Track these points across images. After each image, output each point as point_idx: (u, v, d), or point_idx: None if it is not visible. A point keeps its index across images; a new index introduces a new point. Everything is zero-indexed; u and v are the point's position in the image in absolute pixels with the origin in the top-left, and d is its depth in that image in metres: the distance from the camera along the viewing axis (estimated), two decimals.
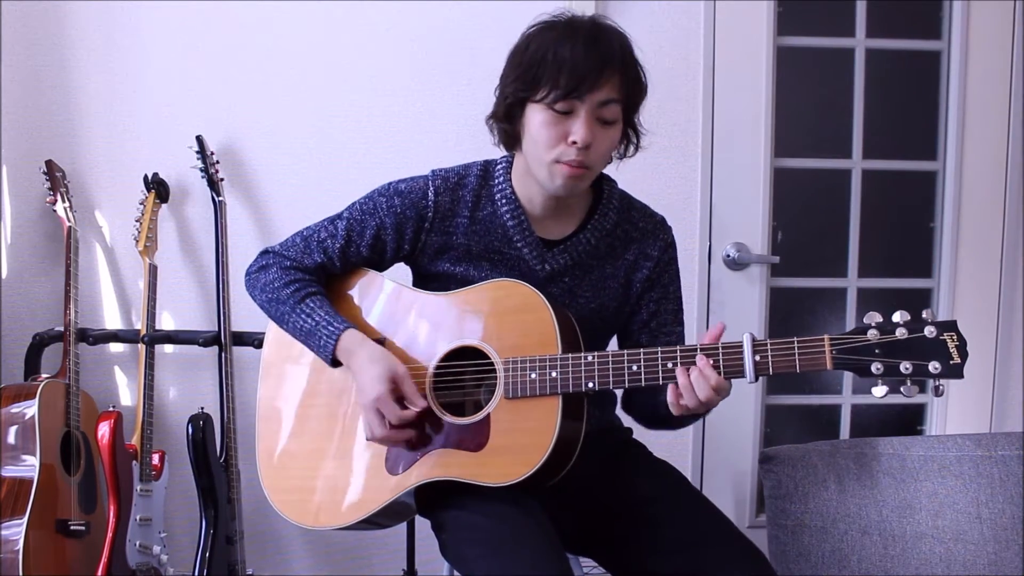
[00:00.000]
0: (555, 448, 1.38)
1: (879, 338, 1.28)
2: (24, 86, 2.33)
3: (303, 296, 1.54)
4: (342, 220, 1.58)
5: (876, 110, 2.49)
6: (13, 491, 1.97)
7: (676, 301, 1.63)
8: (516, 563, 1.33)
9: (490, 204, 1.54)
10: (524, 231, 1.53)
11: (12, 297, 2.34)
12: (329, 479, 1.55)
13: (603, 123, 1.43)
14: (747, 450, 2.48)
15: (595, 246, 1.56)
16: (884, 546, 2.00)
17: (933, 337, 1.26)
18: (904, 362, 1.27)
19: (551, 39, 1.41)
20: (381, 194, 1.56)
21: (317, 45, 2.38)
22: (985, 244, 2.49)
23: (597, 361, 1.40)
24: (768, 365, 1.32)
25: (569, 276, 1.55)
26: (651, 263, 1.58)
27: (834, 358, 1.29)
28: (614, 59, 1.40)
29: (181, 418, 2.24)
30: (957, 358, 1.26)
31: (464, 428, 1.46)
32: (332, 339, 1.49)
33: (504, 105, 1.47)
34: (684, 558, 1.43)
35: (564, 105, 1.40)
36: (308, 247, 1.58)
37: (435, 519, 1.52)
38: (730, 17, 2.42)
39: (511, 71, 1.46)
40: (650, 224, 1.60)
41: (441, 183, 1.54)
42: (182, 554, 2.32)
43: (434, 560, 1.83)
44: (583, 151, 1.41)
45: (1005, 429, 2.49)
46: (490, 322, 1.48)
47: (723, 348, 1.34)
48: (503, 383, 1.44)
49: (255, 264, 1.63)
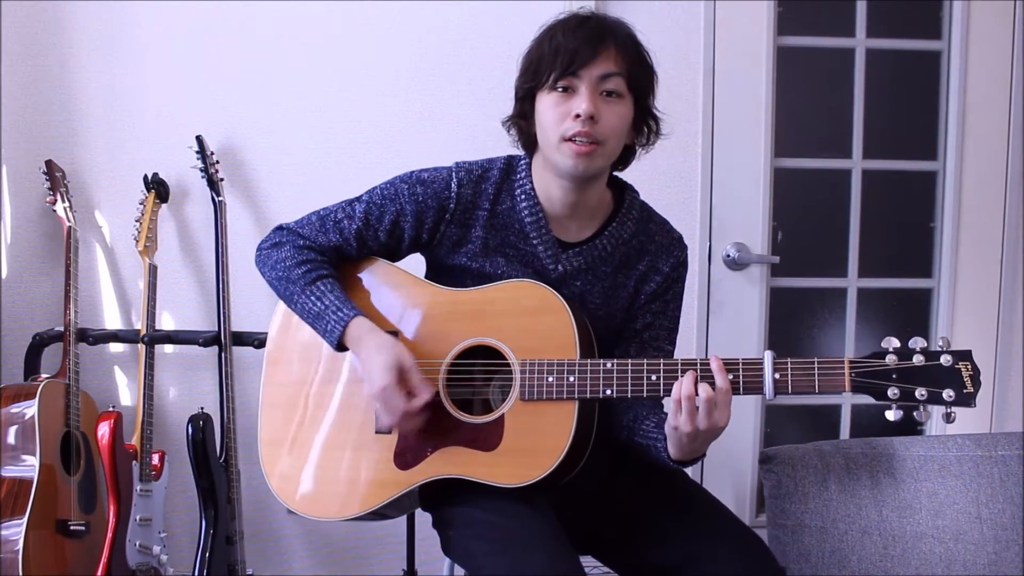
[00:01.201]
0: (568, 453, 1.39)
1: (897, 363, 1.31)
2: (24, 86, 2.33)
3: (314, 278, 1.52)
4: (361, 203, 1.57)
5: (876, 110, 2.49)
6: (13, 491, 1.97)
7: (673, 320, 1.62)
8: (528, 562, 1.33)
9: (510, 199, 1.54)
10: (541, 228, 1.53)
11: (12, 297, 2.34)
12: (336, 469, 1.54)
13: (606, 97, 1.44)
14: (747, 450, 2.48)
15: (610, 253, 1.56)
16: (884, 546, 2.00)
17: (949, 365, 1.30)
18: (920, 388, 1.30)
19: (548, 33, 1.48)
20: (404, 181, 1.56)
21: (317, 45, 2.38)
22: (985, 244, 2.49)
23: (616, 368, 1.40)
24: (788, 384, 1.33)
25: (581, 280, 1.55)
26: (660, 277, 1.58)
27: (853, 381, 1.32)
28: (606, 33, 1.44)
29: (181, 418, 2.24)
30: (970, 387, 1.29)
31: (477, 427, 1.45)
32: (340, 324, 1.48)
33: (517, 102, 1.52)
34: (685, 550, 1.44)
35: (564, 83, 1.43)
36: (324, 226, 1.57)
37: (439, 515, 1.52)
38: (730, 17, 2.42)
39: (520, 71, 1.51)
40: (667, 240, 1.60)
41: (465, 175, 1.54)
42: (182, 554, 2.32)
43: (434, 560, 1.83)
44: (589, 122, 1.42)
45: (1005, 429, 2.49)
46: (507, 321, 1.47)
47: (743, 364, 1.35)
48: (519, 384, 1.44)
49: (268, 240, 1.60)
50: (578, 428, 1.40)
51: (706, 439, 1.38)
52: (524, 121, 1.52)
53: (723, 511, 1.52)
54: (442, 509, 1.51)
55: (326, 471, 1.55)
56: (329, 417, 1.57)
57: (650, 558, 1.48)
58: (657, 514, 1.50)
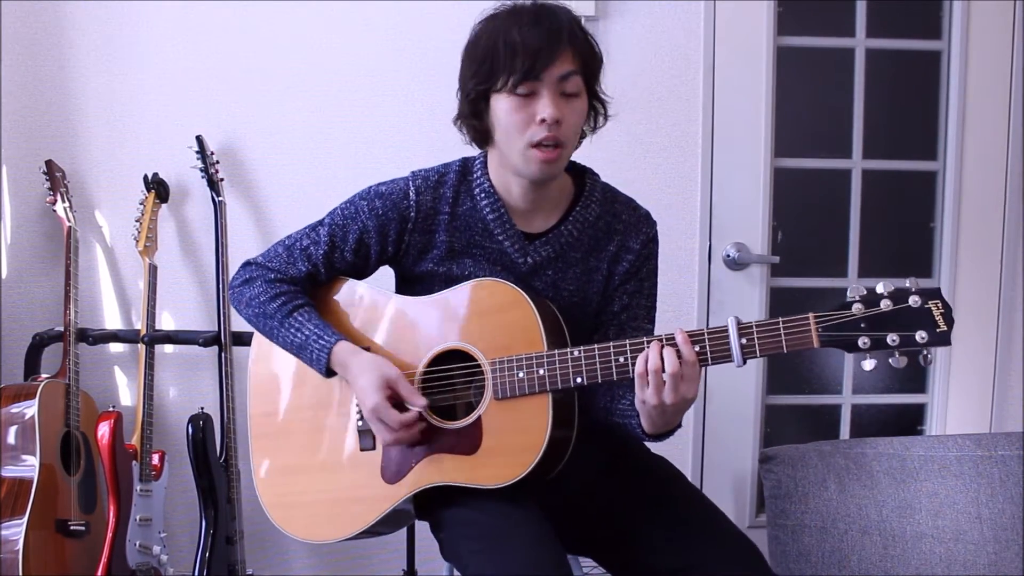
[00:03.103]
0: (548, 446, 1.39)
1: (864, 312, 1.28)
2: (24, 86, 2.33)
3: (291, 309, 1.53)
4: (324, 226, 1.57)
5: (876, 110, 2.49)
6: (13, 491, 1.97)
7: (650, 298, 1.61)
8: (512, 558, 1.33)
9: (469, 199, 1.54)
10: (504, 224, 1.53)
11: (12, 297, 2.34)
12: (327, 492, 1.55)
13: (567, 97, 1.43)
14: (747, 450, 2.48)
15: (577, 238, 1.55)
16: (884, 546, 2.00)
17: (918, 306, 1.26)
18: (891, 334, 1.26)
19: (498, 27, 1.44)
20: (362, 198, 1.56)
21: (317, 45, 2.38)
22: (985, 244, 2.49)
23: (584, 355, 1.39)
24: (755, 347, 1.31)
25: (552, 269, 1.55)
26: (632, 256, 1.57)
27: (820, 335, 1.29)
28: (563, 32, 1.42)
29: (181, 418, 2.24)
30: (943, 325, 1.25)
31: (456, 432, 1.46)
32: (324, 352, 1.49)
33: (468, 103, 1.48)
34: (681, 555, 1.44)
35: (525, 87, 1.41)
36: (291, 256, 1.57)
37: (434, 520, 1.53)
38: (730, 17, 2.42)
39: (467, 68, 1.48)
40: (633, 217, 1.59)
41: (422, 183, 1.54)
42: (182, 554, 2.32)
43: (434, 560, 1.83)
44: (554, 127, 1.41)
45: (1005, 429, 2.49)
46: (474, 323, 1.48)
47: (709, 333, 1.34)
48: (491, 384, 1.44)
49: (238, 277, 1.60)
50: (556, 420, 1.40)
51: (676, 411, 1.37)
52: (477, 120, 1.49)
53: (717, 515, 1.51)
54: (436, 513, 1.52)
55: (318, 494, 1.56)
56: (314, 441, 1.58)
57: (643, 561, 1.48)
58: (651, 518, 1.49)
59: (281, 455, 1.61)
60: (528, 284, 1.49)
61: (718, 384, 2.45)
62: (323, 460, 1.57)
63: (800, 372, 2.56)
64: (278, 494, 1.60)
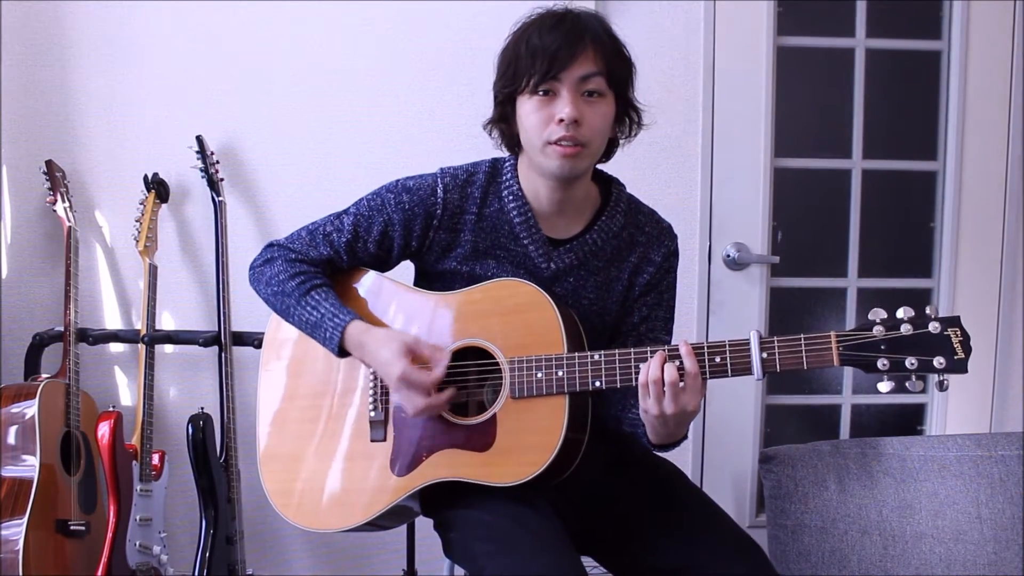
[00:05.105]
0: (562, 447, 1.39)
1: (884, 334, 1.30)
2: (24, 86, 2.33)
3: (309, 288, 1.53)
4: (349, 215, 1.57)
5: (876, 110, 2.49)
6: (13, 491, 1.97)
7: (668, 310, 1.62)
8: (530, 562, 1.33)
9: (497, 200, 1.54)
10: (531, 228, 1.53)
11: (12, 297, 2.34)
12: (334, 481, 1.55)
13: (588, 98, 1.44)
14: (747, 450, 2.47)
15: (601, 247, 1.56)
16: (884, 546, 2.00)
17: (938, 333, 1.28)
18: (909, 358, 1.29)
19: (523, 32, 1.46)
20: (389, 190, 1.56)
21: (317, 45, 2.38)
22: (985, 244, 2.49)
23: (604, 360, 1.40)
24: (775, 362, 1.33)
25: (574, 276, 1.55)
26: (653, 268, 1.58)
27: (841, 355, 1.31)
28: (584, 33, 1.43)
29: (181, 418, 2.24)
30: (961, 353, 1.28)
31: (470, 428, 1.46)
32: (338, 330, 1.48)
33: (497, 106, 1.51)
34: (682, 554, 1.44)
35: (545, 87, 1.43)
36: (314, 240, 1.57)
37: (440, 518, 1.52)
38: (730, 17, 2.42)
39: (497, 74, 1.50)
40: (656, 229, 1.60)
41: (450, 180, 1.54)
42: (182, 554, 2.32)
43: (434, 560, 1.83)
44: (573, 126, 1.42)
45: (1005, 429, 2.49)
46: (494, 321, 1.48)
47: (730, 345, 1.35)
48: (508, 383, 1.44)
49: (260, 257, 1.61)
50: (570, 422, 1.40)
51: (678, 422, 1.38)
52: (505, 124, 1.52)
53: (719, 514, 1.51)
54: (443, 512, 1.51)
55: (324, 483, 1.56)
56: (323, 430, 1.58)
57: (646, 562, 1.48)
58: (653, 518, 1.49)
59: (288, 443, 1.60)
60: (550, 289, 1.49)
61: (718, 384, 2.43)
62: (332, 449, 1.56)
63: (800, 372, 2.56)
64: (281, 480, 1.60)
